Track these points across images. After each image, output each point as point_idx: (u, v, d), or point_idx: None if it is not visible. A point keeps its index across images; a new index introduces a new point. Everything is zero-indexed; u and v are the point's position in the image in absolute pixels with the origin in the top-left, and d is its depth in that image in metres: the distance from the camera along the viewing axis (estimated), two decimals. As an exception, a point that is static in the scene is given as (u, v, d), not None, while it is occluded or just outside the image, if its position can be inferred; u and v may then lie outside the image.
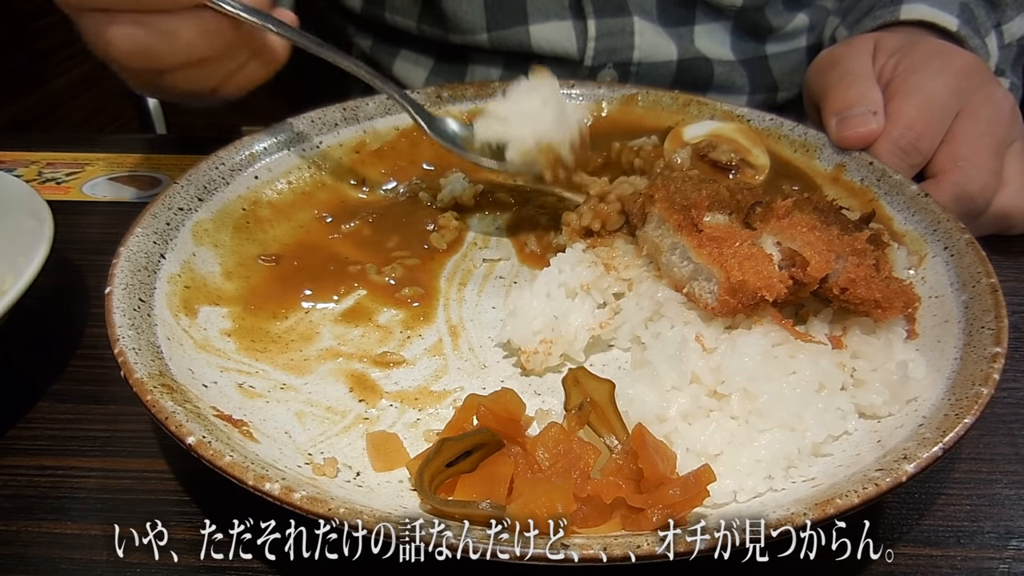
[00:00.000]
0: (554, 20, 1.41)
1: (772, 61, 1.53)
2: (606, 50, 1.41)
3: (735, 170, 1.10)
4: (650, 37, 1.42)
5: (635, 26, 1.41)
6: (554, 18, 1.41)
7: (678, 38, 1.45)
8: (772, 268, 0.78)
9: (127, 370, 0.71)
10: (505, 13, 1.41)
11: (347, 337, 0.90)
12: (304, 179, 1.10)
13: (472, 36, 1.44)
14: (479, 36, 1.43)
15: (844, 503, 0.60)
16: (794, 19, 1.51)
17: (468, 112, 1.23)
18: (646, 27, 1.42)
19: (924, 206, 0.96)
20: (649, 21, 1.43)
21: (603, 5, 1.39)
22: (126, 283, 0.82)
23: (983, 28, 1.24)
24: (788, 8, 1.49)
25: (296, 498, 0.60)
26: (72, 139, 1.46)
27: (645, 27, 1.42)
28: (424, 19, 1.48)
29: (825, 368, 0.75)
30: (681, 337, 0.79)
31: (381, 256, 1.02)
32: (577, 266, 0.90)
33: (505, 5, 1.41)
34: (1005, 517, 0.74)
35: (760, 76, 1.51)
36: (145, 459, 0.79)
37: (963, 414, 0.67)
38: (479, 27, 1.42)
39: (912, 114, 1.03)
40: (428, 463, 0.67)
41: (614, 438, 0.72)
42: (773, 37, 1.52)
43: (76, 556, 0.70)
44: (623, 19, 1.40)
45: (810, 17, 1.53)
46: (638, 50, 1.42)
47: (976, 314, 0.79)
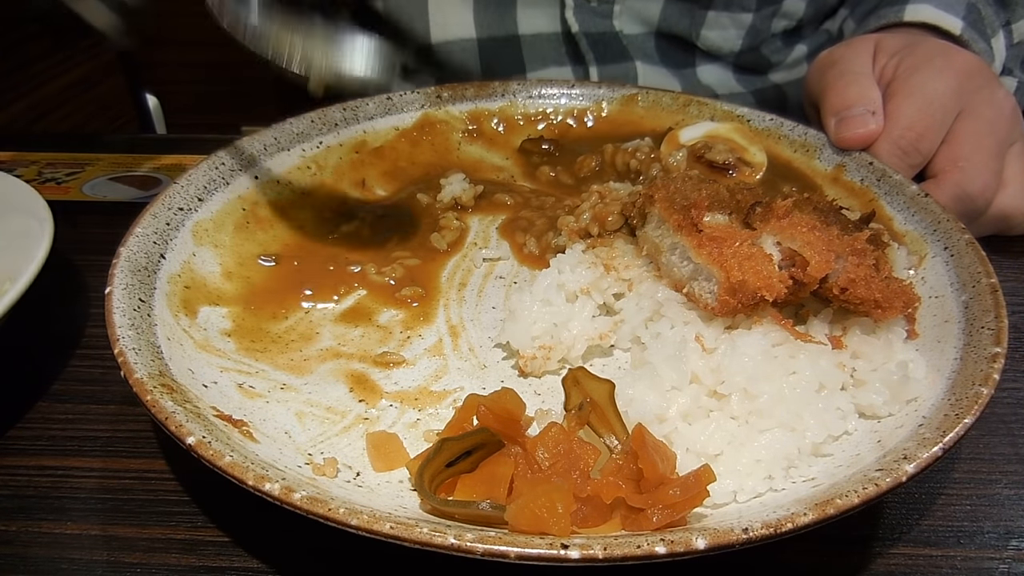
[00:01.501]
0: (552, 66, 1.41)
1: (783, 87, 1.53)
2: None
3: (732, 169, 1.10)
4: (654, 79, 1.43)
5: (638, 71, 1.41)
6: (552, 64, 1.41)
7: (682, 77, 1.45)
8: (772, 268, 0.78)
9: (127, 370, 0.71)
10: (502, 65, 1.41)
11: (347, 337, 0.90)
12: (304, 179, 1.10)
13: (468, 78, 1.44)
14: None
15: (844, 503, 0.60)
16: (794, 51, 1.51)
17: (468, 113, 1.23)
18: (648, 70, 1.42)
19: (924, 206, 0.96)
20: (651, 63, 1.43)
21: (603, 52, 1.40)
22: (126, 283, 0.82)
23: (990, 28, 1.23)
24: (787, 44, 1.50)
25: (296, 498, 0.60)
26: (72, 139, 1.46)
27: (648, 70, 1.42)
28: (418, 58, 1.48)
29: (825, 368, 0.75)
30: (681, 337, 0.79)
31: (381, 256, 1.02)
32: (577, 267, 0.90)
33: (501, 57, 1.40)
34: (1005, 517, 0.74)
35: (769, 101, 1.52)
36: (145, 459, 0.80)
37: (963, 414, 0.67)
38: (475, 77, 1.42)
39: (912, 114, 1.03)
40: (428, 463, 0.67)
41: (614, 438, 0.72)
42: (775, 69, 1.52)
43: (76, 556, 0.70)
44: (625, 65, 1.40)
45: (809, 45, 1.53)
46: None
47: (976, 314, 0.79)
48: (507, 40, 1.42)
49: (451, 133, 1.22)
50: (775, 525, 0.58)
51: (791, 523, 0.58)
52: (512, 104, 1.24)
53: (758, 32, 1.40)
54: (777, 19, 1.46)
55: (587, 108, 1.25)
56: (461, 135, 1.23)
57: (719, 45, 1.40)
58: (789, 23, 1.48)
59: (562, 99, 1.25)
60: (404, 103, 1.21)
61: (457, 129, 1.23)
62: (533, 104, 1.25)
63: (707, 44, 1.40)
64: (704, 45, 1.40)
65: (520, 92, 1.25)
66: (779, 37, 1.47)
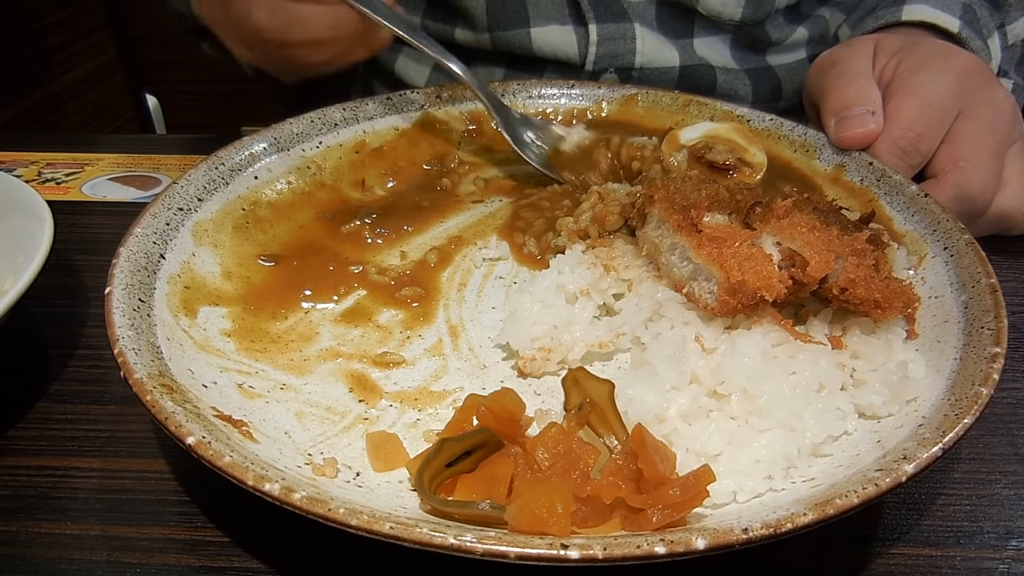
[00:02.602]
0: (555, 24, 1.41)
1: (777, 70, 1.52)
2: (608, 55, 1.41)
3: (733, 170, 1.10)
4: (652, 43, 1.42)
5: (636, 32, 1.40)
6: (555, 22, 1.41)
7: (680, 47, 1.45)
8: (772, 268, 0.78)
9: (127, 370, 0.71)
10: (507, 14, 1.41)
11: (347, 337, 0.90)
12: (304, 179, 1.10)
13: (475, 35, 1.44)
14: (482, 36, 1.43)
15: (844, 503, 0.60)
16: (794, 32, 1.50)
17: (468, 113, 1.23)
18: (647, 34, 1.42)
19: (924, 206, 0.96)
20: (650, 29, 1.42)
21: (603, 12, 1.39)
22: (126, 283, 0.82)
23: (986, 29, 1.24)
24: (789, 22, 1.49)
25: (296, 498, 0.60)
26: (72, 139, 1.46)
27: (646, 34, 1.41)
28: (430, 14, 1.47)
29: (825, 368, 0.75)
30: (681, 337, 0.79)
31: (381, 256, 1.02)
32: (577, 268, 0.90)
33: (507, 6, 1.40)
34: (1005, 517, 0.74)
35: (764, 84, 1.51)
36: (145, 459, 0.79)
37: (963, 414, 0.67)
38: (481, 26, 1.42)
39: (912, 114, 1.03)
40: (428, 463, 0.67)
41: (614, 438, 0.72)
42: (774, 49, 1.52)
43: (76, 556, 0.70)
44: (624, 25, 1.40)
45: (809, 30, 1.52)
46: (640, 55, 1.42)
47: (976, 314, 0.79)
48: None
49: (451, 133, 1.22)
50: (775, 525, 0.58)
51: (791, 523, 0.58)
52: (512, 104, 1.24)
53: (760, 3, 1.39)
54: None
55: (587, 108, 1.25)
56: (461, 135, 1.23)
57: (719, 11, 1.39)
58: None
59: (562, 99, 1.25)
60: (404, 103, 1.21)
61: (457, 129, 1.23)
62: (533, 104, 1.25)
63: (708, 8, 1.39)
64: (705, 9, 1.39)
65: (520, 92, 1.25)
66: (781, 13, 1.47)
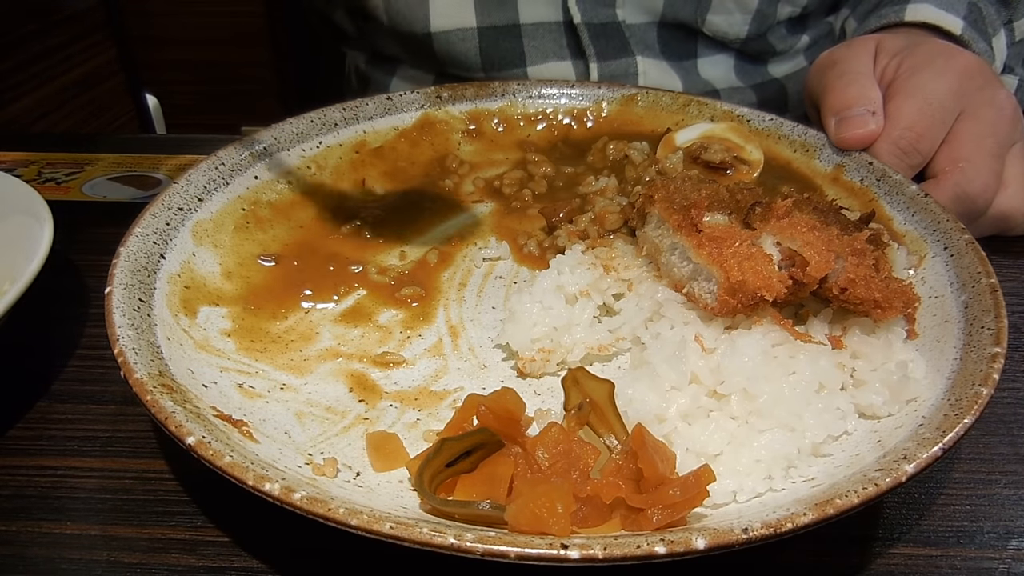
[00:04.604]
0: (552, 60, 1.40)
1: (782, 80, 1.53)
2: None
3: (730, 168, 1.10)
4: (654, 75, 1.42)
5: (639, 67, 1.40)
6: (553, 58, 1.40)
7: (683, 71, 1.44)
8: (772, 268, 0.78)
9: (127, 370, 0.71)
10: (500, 54, 1.40)
11: (347, 337, 0.90)
12: (304, 179, 1.10)
13: (468, 73, 1.43)
14: (475, 74, 1.42)
15: (844, 503, 0.60)
16: (798, 41, 1.50)
17: (468, 113, 1.23)
18: (650, 65, 1.41)
19: (924, 206, 0.96)
20: (652, 58, 1.42)
21: (604, 45, 1.38)
22: (126, 283, 0.82)
23: (992, 27, 1.23)
24: (791, 32, 1.49)
25: (296, 498, 0.60)
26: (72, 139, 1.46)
27: (649, 65, 1.41)
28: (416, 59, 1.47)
29: (825, 368, 0.75)
30: (681, 337, 0.79)
31: (381, 256, 1.02)
32: (577, 268, 0.90)
33: (501, 46, 1.39)
34: (1005, 517, 0.74)
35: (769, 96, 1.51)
36: (145, 459, 0.79)
37: (963, 414, 0.67)
38: (475, 67, 1.41)
39: (913, 115, 1.03)
40: (428, 463, 0.67)
41: (614, 438, 0.72)
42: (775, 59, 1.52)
43: (76, 556, 0.70)
44: (626, 60, 1.39)
45: (811, 35, 1.52)
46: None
47: (976, 314, 0.79)
48: (508, 29, 1.40)
49: (451, 133, 1.23)
50: (775, 525, 0.58)
51: (791, 523, 0.58)
52: (512, 104, 1.24)
53: (764, 18, 1.39)
54: (783, 4, 1.45)
55: (587, 108, 1.25)
56: (461, 135, 1.23)
57: (724, 31, 1.39)
58: (794, 10, 1.47)
59: (562, 99, 1.25)
60: (404, 103, 1.21)
61: (457, 129, 1.23)
62: (533, 104, 1.25)
63: (712, 30, 1.39)
64: (709, 31, 1.39)
65: (520, 92, 1.25)
66: (784, 25, 1.47)
